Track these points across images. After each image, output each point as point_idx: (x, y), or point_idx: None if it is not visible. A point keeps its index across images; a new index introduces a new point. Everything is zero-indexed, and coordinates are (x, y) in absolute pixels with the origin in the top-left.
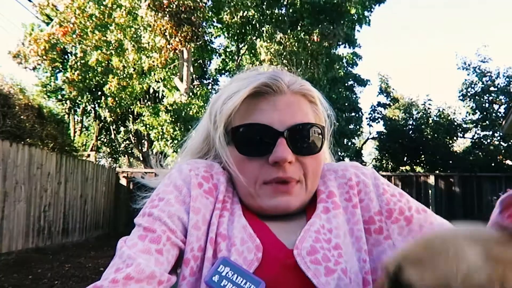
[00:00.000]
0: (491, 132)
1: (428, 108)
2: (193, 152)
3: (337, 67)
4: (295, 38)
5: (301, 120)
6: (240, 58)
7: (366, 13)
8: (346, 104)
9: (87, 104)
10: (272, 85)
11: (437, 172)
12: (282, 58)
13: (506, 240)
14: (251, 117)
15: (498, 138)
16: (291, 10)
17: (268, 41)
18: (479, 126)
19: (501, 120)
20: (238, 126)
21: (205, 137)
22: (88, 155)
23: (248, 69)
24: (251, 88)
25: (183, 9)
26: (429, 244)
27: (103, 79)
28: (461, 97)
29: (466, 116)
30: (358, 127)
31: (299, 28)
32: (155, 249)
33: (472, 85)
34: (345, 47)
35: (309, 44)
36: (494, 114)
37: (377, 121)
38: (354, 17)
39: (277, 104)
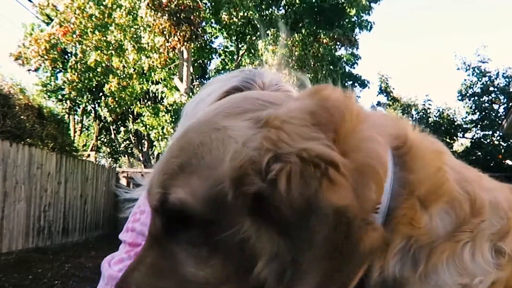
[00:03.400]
0: (491, 132)
1: (428, 108)
2: None
3: (338, 68)
4: (301, 41)
5: None
6: (239, 58)
7: (366, 17)
8: None
9: (87, 104)
10: (243, 89)
11: None
12: (290, 62)
13: (279, 99)
14: None
15: (498, 138)
16: (290, 11)
17: (273, 43)
18: (479, 126)
19: (501, 120)
20: None
21: None
22: (88, 155)
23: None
24: (222, 92)
25: (182, 9)
26: (185, 142)
27: (103, 79)
28: (460, 97)
29: (466, 116)
30: None
31: (303, 31)
32: None
33: (472, 86)
34: (345, 48)
35: (315, 47)
36: (493, 114)
37: None
38: (354, 20)
39: None
